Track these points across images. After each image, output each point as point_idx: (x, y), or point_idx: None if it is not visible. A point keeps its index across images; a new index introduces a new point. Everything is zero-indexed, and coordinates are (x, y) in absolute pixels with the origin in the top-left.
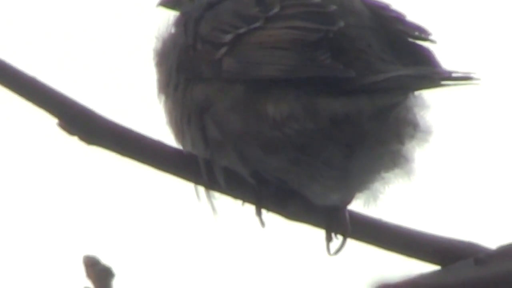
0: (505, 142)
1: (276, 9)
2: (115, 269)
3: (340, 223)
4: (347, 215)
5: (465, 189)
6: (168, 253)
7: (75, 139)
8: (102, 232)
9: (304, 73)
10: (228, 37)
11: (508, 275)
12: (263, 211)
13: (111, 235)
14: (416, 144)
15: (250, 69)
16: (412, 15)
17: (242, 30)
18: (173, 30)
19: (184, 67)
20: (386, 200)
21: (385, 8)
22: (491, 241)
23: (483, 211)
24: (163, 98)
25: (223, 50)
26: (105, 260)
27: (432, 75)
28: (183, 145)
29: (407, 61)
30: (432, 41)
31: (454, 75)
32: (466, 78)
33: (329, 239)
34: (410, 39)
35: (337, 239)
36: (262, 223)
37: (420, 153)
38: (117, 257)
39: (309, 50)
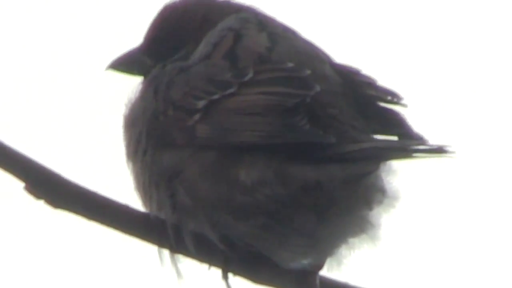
0: (470, 204)
1: (250, 75)
2: None
3: None
4: (317, 281)
5: (432, 253)
6: None
7: (41, 203)
8: None
9: (284, 139)
10: (201, 103)
11: None
12: (230, 275)
13: None
14: (383, 210)
15: (226, 136)
16: (383, 79)
17: (215, 96)
18: (141, 96)
19: (154, 133)
20: (352, 264)
21: (356, 73)
22: None
23: (453, 272)
24: (131, 163)
25: (196, 116)
26: None
27: (406, 147)
28: (150, 209)
29: (378, 127)
30: (403, 105)
31: (429, 148)
32: (441, 151)
33: None
34: (382, 104)
35: None
36: (229, 287)
37: (386, 219)
38: None
39: (287, 115)
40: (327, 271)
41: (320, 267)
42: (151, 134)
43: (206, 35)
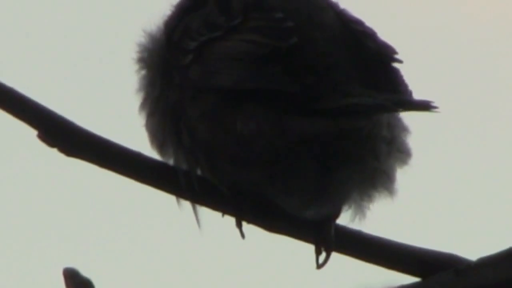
0: (481, 156)
1: (238, 20)
2: (94, 281)
3: (326, 238)
4: (332, 229)
5: (446, 201)
6: (150, 265)
7: (54, 151)
8: (82, 244)
9: (253, 84)
10: (193, 44)
11: (488, 287)
12: (244, 223)
13: (91, 247)
14: (396, 164)
15: (210, 78)
16: (384, 34)
17: (204, 38)
18: (160, 32)
19: (163, 71)
20: (370, 215)
21: (358, 23)
22: (472, 253)
23: (464, 223)
24: (145, 111)
25: (189, 57)
26: (85, 272)
27: (388, 102)
28: (163, 156)
29: (373, 80)
30: (399, 61)
31: (411, 102)
32: (424, 106)
33: (318, 252)
34: (379, 57)
35: (324, 253)
36: (242, 235)
37: (401, 173)
38: (97, 270)
39: (260, 63)
40: (349, 222)
41: (336, 216)
42: (163, 73)
43: None
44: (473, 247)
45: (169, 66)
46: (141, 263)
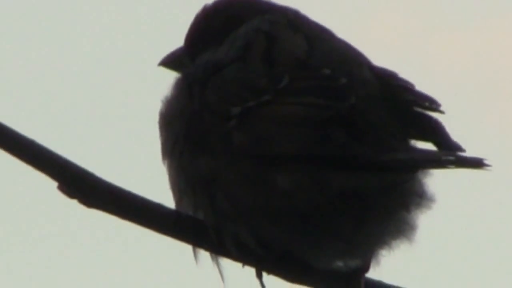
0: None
1: (285, 81)
2: None
3: None
4: (363, 283)
5: (463, 253)
6: None
7: (75, 202)
8: None
9: (319, 151)
10: (236, 110)
11: None
12: (264, 274)
13: None
14: (420, 211)
15: (262, 145)
16: (419, 84)
17: (251, 103)
18: (177, 95)
19: (191, 135)
20: (387, 263)
21: (393, 76)
22: None
23: (484, 270)
24: (167, 162)
25: (232, 123)
26: None
27: (442, 159)
28: (183, 209)
29: (415, 133)
30: (441, 111)
31: (465, 160)
32: (477, 163)
33: None
34: (419, 110)
35: None
36: (263, 286)
37: (422, 220)
38: None
39: (323, 127)
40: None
41: (366, 269)
42: (188, 136)
43: (229, 36)
44: None
45: (198, 130)
46: None
